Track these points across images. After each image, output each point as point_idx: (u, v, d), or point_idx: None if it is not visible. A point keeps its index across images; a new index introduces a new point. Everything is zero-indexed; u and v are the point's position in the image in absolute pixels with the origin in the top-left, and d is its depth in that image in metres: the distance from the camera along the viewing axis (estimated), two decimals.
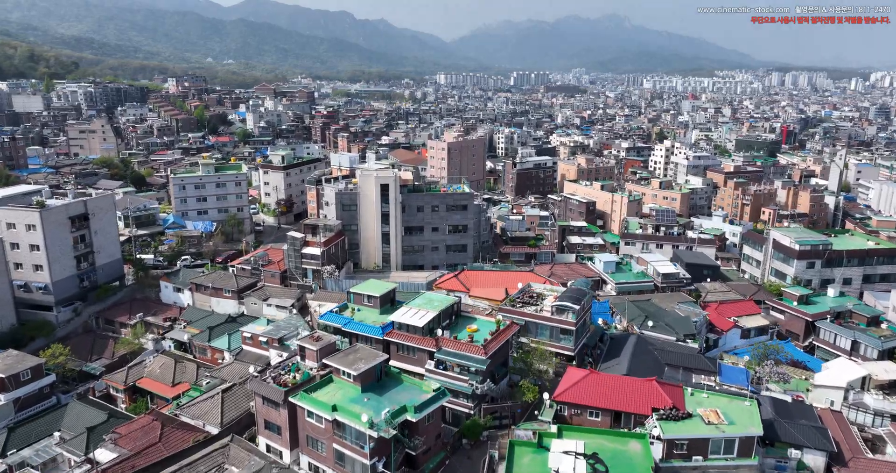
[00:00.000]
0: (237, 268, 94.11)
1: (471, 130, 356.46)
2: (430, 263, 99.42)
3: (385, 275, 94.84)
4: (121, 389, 71.01)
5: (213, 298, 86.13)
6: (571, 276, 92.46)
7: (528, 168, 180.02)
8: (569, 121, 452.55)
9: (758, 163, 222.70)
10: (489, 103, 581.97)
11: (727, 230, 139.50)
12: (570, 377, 58.93)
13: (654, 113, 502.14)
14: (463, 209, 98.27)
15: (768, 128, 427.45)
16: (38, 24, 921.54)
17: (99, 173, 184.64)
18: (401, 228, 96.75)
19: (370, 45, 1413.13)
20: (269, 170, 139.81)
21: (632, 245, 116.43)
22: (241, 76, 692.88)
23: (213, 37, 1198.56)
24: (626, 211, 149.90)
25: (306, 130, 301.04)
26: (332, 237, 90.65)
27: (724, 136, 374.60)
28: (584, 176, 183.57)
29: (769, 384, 66.42)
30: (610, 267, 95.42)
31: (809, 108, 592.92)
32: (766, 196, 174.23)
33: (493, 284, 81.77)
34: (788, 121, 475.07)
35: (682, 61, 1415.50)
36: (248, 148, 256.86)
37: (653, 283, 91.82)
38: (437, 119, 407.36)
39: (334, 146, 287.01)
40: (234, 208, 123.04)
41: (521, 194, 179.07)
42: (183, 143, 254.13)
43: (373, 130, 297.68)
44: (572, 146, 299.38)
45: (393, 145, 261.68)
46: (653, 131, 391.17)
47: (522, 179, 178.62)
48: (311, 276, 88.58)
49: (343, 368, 54.16)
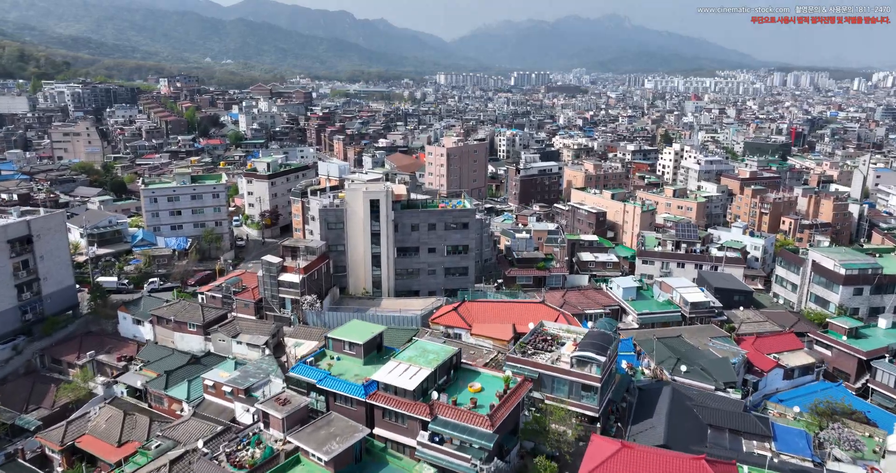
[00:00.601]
0: (207, 295, 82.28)
1: (471, 132, 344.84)
2: (426, 288, 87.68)
3: (375, 302, 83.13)
4: (57, 450, 59.29)
5: (177, 332, 74.35)
6: (587, 304, 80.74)
7: (533, 175, 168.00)
8: (571, 122, 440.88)
9: (772, 167, 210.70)
10: (489, 104, 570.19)
11: (748, 243, 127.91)
12: (595, 451, 47.01)
13: (658, 114, 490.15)
14: (464, 228, 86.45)
15: (774, 129, 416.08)
16: (36, 24, 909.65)
17: (77, 180, 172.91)
18: (393, 249, 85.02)
19: (370, 45, 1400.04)
20: (253, 179, 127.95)
21: (650, 264, 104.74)
22: (240, 76, 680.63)
23: (213, 37, 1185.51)
24: (640, 222, 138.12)
25: (301, 132, 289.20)
26: (315, 261, 78.86)
27: (731, 138, 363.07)
28: (592, 183, 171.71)
29: (834, 449, 54.59)
30: (630, 294, 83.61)
31: (814, 108, 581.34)
32: (787, 204, 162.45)
33: (499, 318, 70.00)
34: (794, 122, 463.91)
35: (683, 61, 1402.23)
36: (239, 151, 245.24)
37: (679, 313, 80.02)
38: (437, 120, 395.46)
39: (330, 149, 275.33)
40: (212, 223, 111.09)
41: (525, 201, 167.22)
42: (172, 146, 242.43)
43: (370, 132, 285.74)
44: (576, 149, 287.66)
45: (390, 148, 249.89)
46: (657, 133, 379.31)
47: (526, 186, 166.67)
48: (290, 306, 76.82)
49: (312, 450, 42.40)
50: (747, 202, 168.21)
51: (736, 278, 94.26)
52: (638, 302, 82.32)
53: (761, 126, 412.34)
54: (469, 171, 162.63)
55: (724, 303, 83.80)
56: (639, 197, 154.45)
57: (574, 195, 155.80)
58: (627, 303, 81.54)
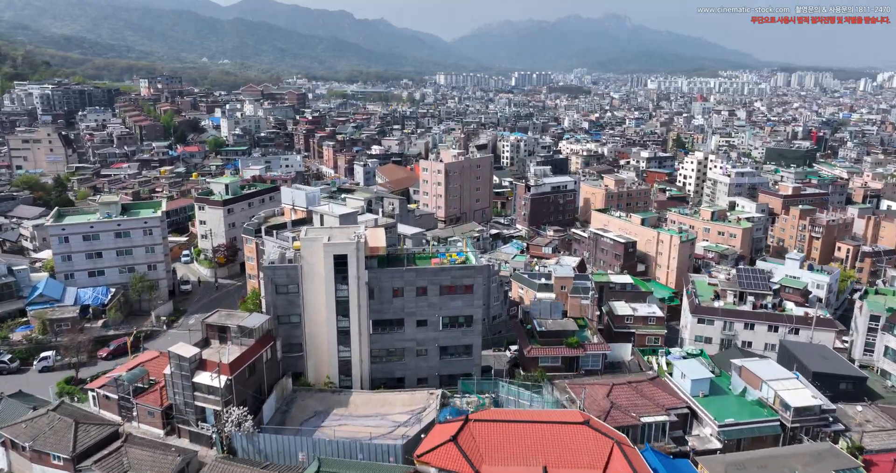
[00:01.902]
0: (99, 395, 56.87)
1: (472, 136, 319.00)
2: (414, 374, 62.41)
3: (342, 399, 57.81)
4: None
5: (36, 465, 49.06)
6: (643, 407, 55.47)
7: (545, 193, 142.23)
8: (576, 125, 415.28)
9: (812, 180, 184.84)
10: (491, 105, 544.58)
11: (808, 280, 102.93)
12: None
13: (666, 116, 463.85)
14: (466, 292, 61.13)
15: (790, 132, 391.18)
16: (31, 23, 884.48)
17: (18, 197, 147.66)
18: (368, 322, 59.81)
19: (369, 45, 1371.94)
20: (206, 205, 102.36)
21: (707, 323, 79.43)
22: (235, 76, 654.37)
23: (210, 36, 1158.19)
24: (678, 255, 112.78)
25: (289, 137, 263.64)
26: (251, 349, 53.53)
27: (747, 142, 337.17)
28: (614, 201, 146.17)
29: None
30: (702, 387, 58.19)
31: (825, 109, 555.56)
32: (841, 227, 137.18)
33: (521, 452, 44.81)
34: (809, 124, 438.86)
35: (684, 61, 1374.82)
36: (218, 160, 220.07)
37: (778, 422, 54.62)
38: (436, 124, 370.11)
39: (319, 156, 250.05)
40: (144, 266, 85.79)
41: (535, 223, 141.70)
42: (145, 153, 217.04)
43: (363, 137, 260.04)
44: (585, 156, 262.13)
45: (384, 156, 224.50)
46: (669, 137, 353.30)
47: (538, 206, 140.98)
48: (212, 419, 51.49)
49: None
50: (793, 224, 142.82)
51: (833, 353, 68.77)
52: (714, 402, 56.90)
53: (776, 129, 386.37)
54: (471, 189, 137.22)
55: (827, 395, 58.56)
56: (672, 221, 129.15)
57: (595, 219, 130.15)
58: (701, 406, 56.14)
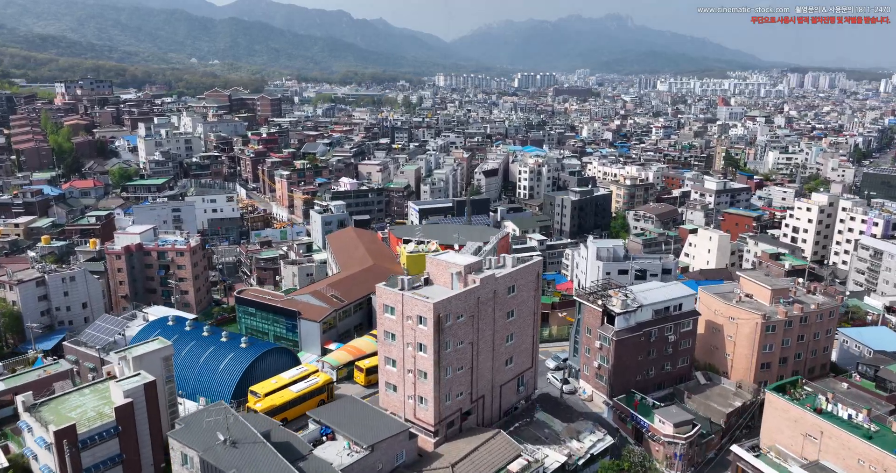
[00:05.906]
0: None
1: (476, 152, 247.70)
2: None
3: None
4: None
5: None
6: None
7: (645, 326, 70.60)
8: (597, 135, 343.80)
9: None
10: (495, 110, 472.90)
11: None
12: None
13: (698, 124, 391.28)
14: None
15: (852, 144, 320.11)
16: (10, 22, 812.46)
17: None
18: None
19: (367, 45, 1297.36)
20: None
21: None
22: (217, 78, 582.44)
23: (202, 36, 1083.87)
24: None
25: (233, 161, 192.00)
26: None
27: (814, 159, 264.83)
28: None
29: None
30: None
31: (864, 115, 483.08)
32: None
33: None
34: (863, 133, 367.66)
35: (688, 62, 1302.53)
36: (119, 199, 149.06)
37: None
38: (433, 136, 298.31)
39: (270, 190, 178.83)
40: None
41: (623, 387, 70.27)
42: (8, 193, 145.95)
43: (333, 162, 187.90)
44: (629, 186, 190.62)
45: (356, 194, 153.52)
46: (716, 153, 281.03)
47: (630, 352, 69.21)
48: None
49: None
50: None
51: None
52: None
53: (836, 142, 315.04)
54: (496, 347, 62.30)
55: None
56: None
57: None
58: None
